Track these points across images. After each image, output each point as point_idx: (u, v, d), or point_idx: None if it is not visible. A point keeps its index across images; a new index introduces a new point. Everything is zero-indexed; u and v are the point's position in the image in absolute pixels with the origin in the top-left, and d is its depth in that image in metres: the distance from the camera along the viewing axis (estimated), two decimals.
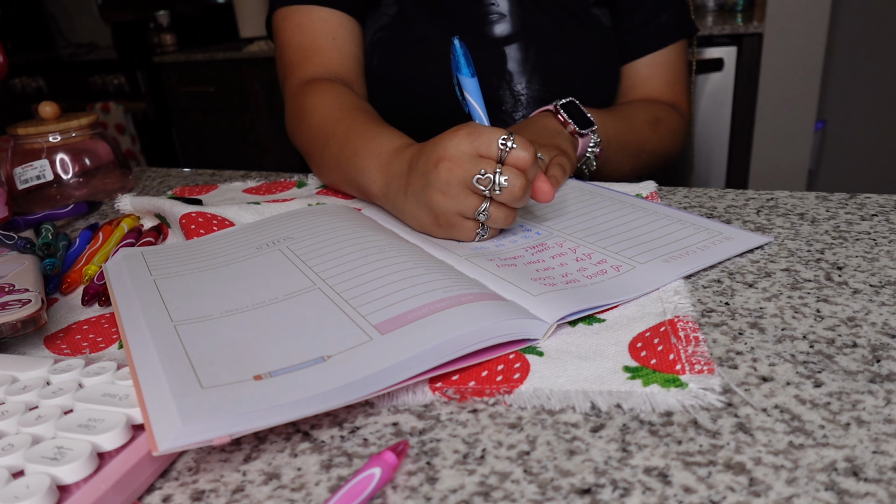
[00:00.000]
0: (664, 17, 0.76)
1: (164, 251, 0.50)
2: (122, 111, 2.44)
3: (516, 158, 0.44)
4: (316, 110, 0.63)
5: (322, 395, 0.30)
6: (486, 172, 0.43)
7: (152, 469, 0.29)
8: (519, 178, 0.43)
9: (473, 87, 0.48)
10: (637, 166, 0.75)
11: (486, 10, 0.73)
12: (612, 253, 0.45)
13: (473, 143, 0.44)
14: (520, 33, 0.73)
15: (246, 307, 0.39)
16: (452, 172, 0.44)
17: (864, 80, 2.07)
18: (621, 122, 0.70)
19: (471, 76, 0.48)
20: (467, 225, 0.47)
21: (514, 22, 0.73)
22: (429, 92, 0.73)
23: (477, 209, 0.45)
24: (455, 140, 0.45)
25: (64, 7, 3.07)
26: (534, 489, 0.27)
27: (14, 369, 0.35)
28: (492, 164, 0.44)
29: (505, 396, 0.32)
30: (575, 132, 0.61)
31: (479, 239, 0.48)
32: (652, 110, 0.75)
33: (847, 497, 0.25)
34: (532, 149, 0.44)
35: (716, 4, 2.02)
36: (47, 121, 0.70)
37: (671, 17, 0.77)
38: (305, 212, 0.55)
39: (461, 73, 0.48)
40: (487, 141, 0.44)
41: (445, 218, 0.47)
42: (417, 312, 0.36)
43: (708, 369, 0.32)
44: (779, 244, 0.47)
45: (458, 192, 0.45)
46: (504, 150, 0.44)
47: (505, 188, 0.43)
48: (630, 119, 0.72)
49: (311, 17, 0.70)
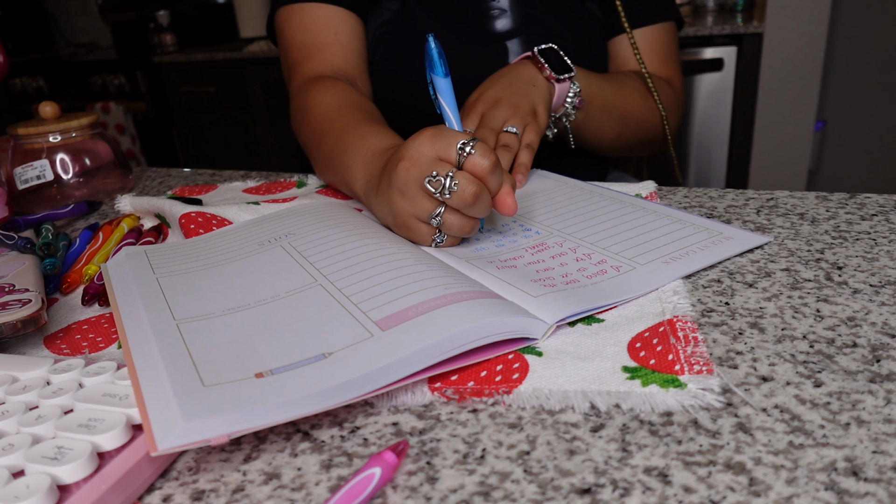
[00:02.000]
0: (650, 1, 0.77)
1: (167, 249, 0.50)
2: (122, 111, 2.44)
3: (473, 164, 0.43)
4: (317, 108, 0.63)
5: (323, 392, 0.30)
6: (437, 175, 0.43)
7: (152, 469, 0.29)
8: (471, 185, 0.42)
9: (446, 87, 0.47)
10: (624, 135, 0.73)
11: (488, 6, 0.73)
12: (611, 253, 0.45)
13: (434, 146, 0.44)
14: (521, 28, 0.73)
15: (248, 304, 0.39)
16: (409, 173, 0.44)
17: (864, 80, 2.07)
18: (609, 83, 0.69)
19: (444, 76, 0.47)
20: (422, 228, 0.46)
21: (515, 17, 0.73)
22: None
23: (430, 213, 0.45)
24: (417, 141, 0.45)
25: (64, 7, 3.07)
26: (534, 489, 0.27)
27: (14, 369, 0.35)
28: (447, 168, 0.43)
29: (504, 396, 0.32)
30: (551, 77, 0.61)
31: (435, 245, 0.47)
32: (644, 80, 0.74)
33: (847, 497, 0.25)
34: (492, 157, 0.43)
35: (716, 4, 2.02)
36: (47, 121, 0.70)
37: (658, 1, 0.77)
38: (307, 207, 0.55)
39: (435, 72, 0.47)
40: (447, 144, 0.43)
41: (402, 219, 0.47)
42: (418, 308, 0.36)
43: (707, 370, 0.32)
44: (779, 244, 0.47)
45: (414, 193, 0.45)
46: (462, 154, 0.43)
47: (455, 193, 0.42)
48: (619, 83, 0.71)
49: (313, 14, 0.70)
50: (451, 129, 0.45)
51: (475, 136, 0.46)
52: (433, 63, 0.47)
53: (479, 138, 0.49)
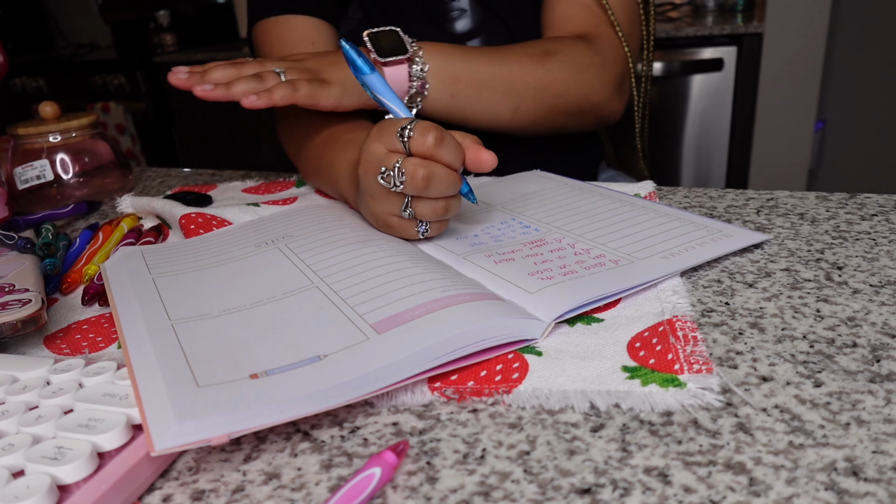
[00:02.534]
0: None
1: (163, 250, 0.50)
2: (122, 111, 2.44)
3: (416, 145, 0.42)
4: (299, 117, 0.64)
5: (318, 393, 0.30)
6: (385, 169, 0.42)
7: (152, 469, 0.29)
8: (420, 168, 0.41)
9: (378, 82, 0.46)
10: (525, 108, 0.64)
11: (447, 7, 0.73)
12: (610, 249, 0.45)
13: (381, 141, 0.43)
14: (480, 27, 0.73)
15: (243, 306, 0.39)
16: (367, 175, 0.44)
17: (864, 80, 2.07)
18: (483, 55, 0.62)
19: (371, 72, 0.46)
20: (403, 224, 0.46)
21: (475, 17, 0.73)
22: None
23: (401, 207, 0.44)
24: (367, 143, 0.44)
25: (64, 7, 3.07)
26: (534, 489, 0.27)
27: (14, 369, 0.35)
28: (395, 158, 0.42)
29: (504, 396, 0.32)
30: (375, 60, 0.56)
31: (422, 235, 0.47)
32: (542, 44, 0.66)
33: (847, 497, 0.25)
34: (434, 131, 0.41)
35: (716, 4, 2.02)
36: (47, 121, 0.70)
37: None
38: (305, 210, 0.55)
39: (361, 72, 0.45)
40: (389, 135, 0.43)
41: (382, 220, 0.47)
42: (415, 312, 0.36)
43: (706, 369, 0.32)
44: (779, 244, 0.47)
45: (379, 192, 0.45)
46: (403, 139, 0.42)
47: (405, 182, 0.42)
48: (501, 52, 0.64)
49: (289, 25, 0.70)
50: (392, 119, 0.44)
51: None
52: (356, 64, 0.45)
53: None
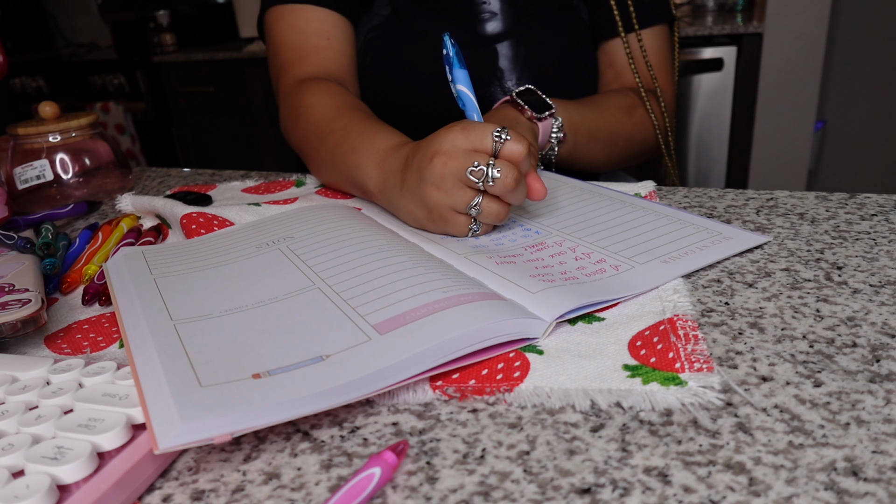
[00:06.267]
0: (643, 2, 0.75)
1: (164, 250, 0.50)
2: (122, 111, 2.44)
3: (510, 151, 0.45)
4: (312, 108, 0.63)
5: (320, 394, 0.30)
6: (479, 164, 0.44)
7: (152, 469, 0.29)
8: (512, 171, 0.44)
9: (465, 79, 0.49)
10: (614, 154, 0.73)
11: (479, 9, 0.74)
12: (610, 253, 0.45)
13: (468, 138, 0.45)
14: (511, 31, 0.74)
15: (245, 306, 0.39)
16: (447, 167, 0.45)
17: (864, 80, 2.07)
18: (590, 109, 0.69)
19: (461, 67, 0.49)
20: (460, 220, 0.48)
21: (505, 20, 0.74)
22: (422, 90, 0.74)
23: (469, 203, 0.46)
24: (450, 136, 0.46)
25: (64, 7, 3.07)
26: (534, 489, 0.27)
27: (14, 369, 0.35)
28: (485, 158, 0.45)
29: (505, 395, 0.32)
30: (532, 117, 0.61)
31: (471, 234, 0.49)
32: (625, 98, 0.74)
33: (847, 497, 0.25)
34: (525, 142, 0.45)
35: (716, 4, 2.02)
36: (47, 121, 0.70)
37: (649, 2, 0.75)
38: (306, 211, 0.55)
39: (455, 66, 0.49)
40: (482, 135, 0.45)
41: (438, 212, 0.48)
42: (416, 313, 0.36)
43: (707, 367, 0.32)
44: (779, 244, 0.47)
45: (452, 185, 0.46)
46: (498, 142, 0.45)
47: (498, 179, 0.44)
48: (601, 106, 0.71)
49: (306, 16, 0.70)
50: (478, 122, 0.46)
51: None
52: (451, 58, 0.49)
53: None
